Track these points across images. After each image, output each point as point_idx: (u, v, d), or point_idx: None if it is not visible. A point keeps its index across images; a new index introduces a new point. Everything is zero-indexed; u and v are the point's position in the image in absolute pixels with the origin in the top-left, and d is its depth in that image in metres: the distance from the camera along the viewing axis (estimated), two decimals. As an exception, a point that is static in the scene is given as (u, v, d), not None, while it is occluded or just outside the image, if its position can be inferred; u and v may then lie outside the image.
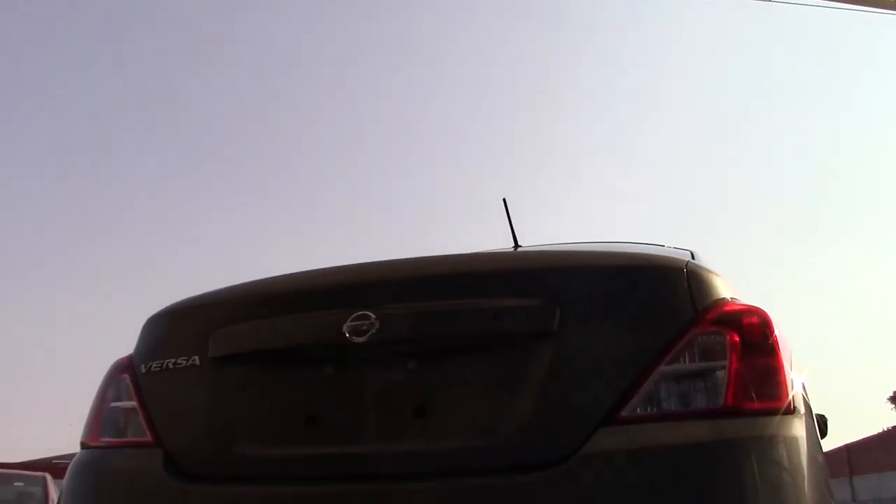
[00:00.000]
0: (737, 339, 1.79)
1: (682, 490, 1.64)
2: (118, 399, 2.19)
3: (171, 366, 2.12)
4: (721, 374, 1.76)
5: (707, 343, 1.78)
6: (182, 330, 2.19)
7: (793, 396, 1.80)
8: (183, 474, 1.96)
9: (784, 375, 1.81)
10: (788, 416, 1.76)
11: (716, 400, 1.74)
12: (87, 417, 2.26)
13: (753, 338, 1.81)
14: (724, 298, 1.87)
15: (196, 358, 2.09)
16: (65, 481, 2.18)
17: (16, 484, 10.78)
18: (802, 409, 1.86)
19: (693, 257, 2.09)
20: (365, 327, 1.88)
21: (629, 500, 1.62)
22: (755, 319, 1.84)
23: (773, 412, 1.75)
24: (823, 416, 2.91)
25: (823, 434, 2.72)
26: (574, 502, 1.65)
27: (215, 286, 2.27)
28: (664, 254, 2.07)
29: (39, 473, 11.68)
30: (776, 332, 1.85)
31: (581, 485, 1.65)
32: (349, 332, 1.89)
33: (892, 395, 47.75)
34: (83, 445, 2.22)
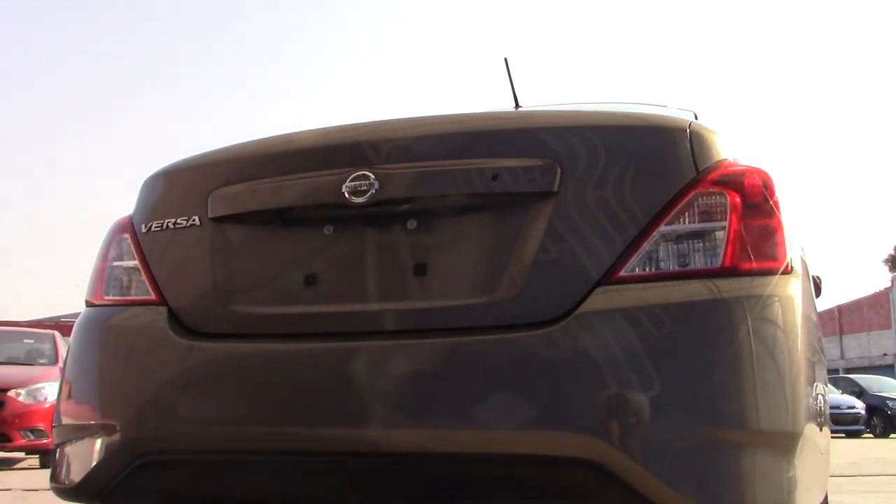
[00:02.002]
0: (737, 199, 1.78)
1: (678, 348, 1.68)
2: (120, 258, 2.21)
3: (171, 225, 2.13)
4: (720, 234, 1.76)
5: (707, 203, 1.78)
6: (181, 190, 2.19)
7: (791, 257, 1.81)
8: (187, 331, 2.01)
9: (783, 236, 1.82)
10: (786, 277, 1.78)
11: (714, 260, 1.75)
12: (90, 276, 2.28)
13: (754, 198, 1.81)
14: (726, 159, 1.85)
15: (196, 218, 2.10)
16: (71, 337, 2.23)
17: (26, 341, 11.04)
18: (800, 270, 1.87)
19: (696, 118, 2.06)
20: (364, 187, 1.88)
21: (626, 358, 1.65)
22: (756, 180, 1.83)
23: (770, 272, 1.76)
24: (817, 276, 2.95)
25: (817, 294, 2.76)
26: (571, 359, 1.69)
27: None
28: (667, 114, 2.04)
29: (48, 331, 11.95)
30: (777, 193, 1.85)
31: (578, 342, 1.68)
32: (348, 193, 1.89)
33: (887, 256, 48.27)
34: (88, 304, 2.26)
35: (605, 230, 1.78)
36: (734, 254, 1.75)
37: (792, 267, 1.81)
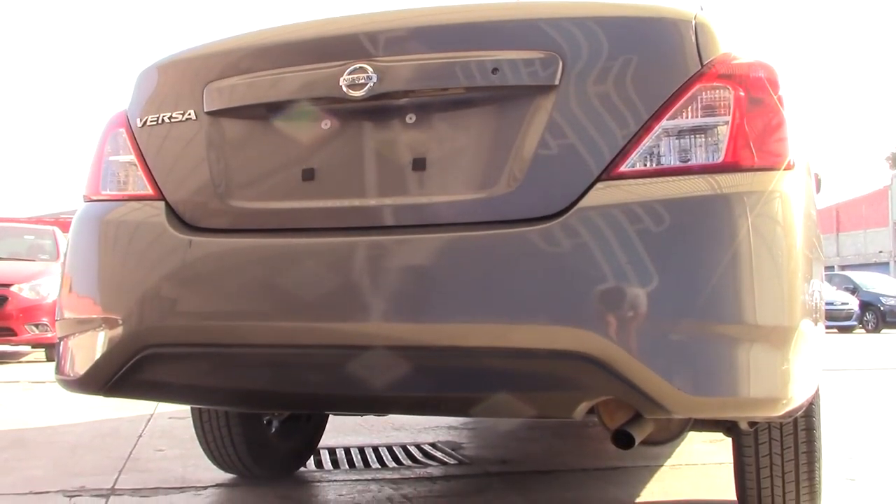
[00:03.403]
0: (742, 93, 1.76)
1: (677, 243, 1.68)
2: (116, 153, 2.20)
3: (166, 120, 2.11)
4: (723, 129, 1.74)
5: (711, 97, 1.75)
6: (176, 83, 2.15)
7: (793, 154, 1.79)
8: (186, 226, 2.01)
9: (787, 132, 1.79)
10: (788, 173, 1.77)
11: (716, 155, 1.73)
12: (88, 172, 2.27)
13: (759, 93, 1.78)
14: (731, 52, 1.82)
15: (192, 112, 2.07)
16: (70, 233, 2.23)
17: (26, 237, 11.09)
18: (802, 167, 1.86)
19: (702, 9, 2.01)
20: (362, 80, 1.85)
21: (625, 253, 1.66)
22: (762, 74, 1.80)
23: (772, 169, 1.74)
24: (818, 173, 2.93)
25: (817, 191, 2.75)
26: (570, 254, 1.69)
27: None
28: (672, 5, 1.98)
29: (49, 227, 11.98)
30: (782, 88, 1.82)
31: (578, 237, 1.68)
32: (346, 86, 1.86)
33: (890, 154, 47.98)
34: (86, 199, 2.25)
35: (606, 125, 1.76)
36: (737, 149, 1.73)
37: (794, 164, 1.79)
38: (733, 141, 1.73)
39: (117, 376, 2.00)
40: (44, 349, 9.65)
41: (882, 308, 21.96)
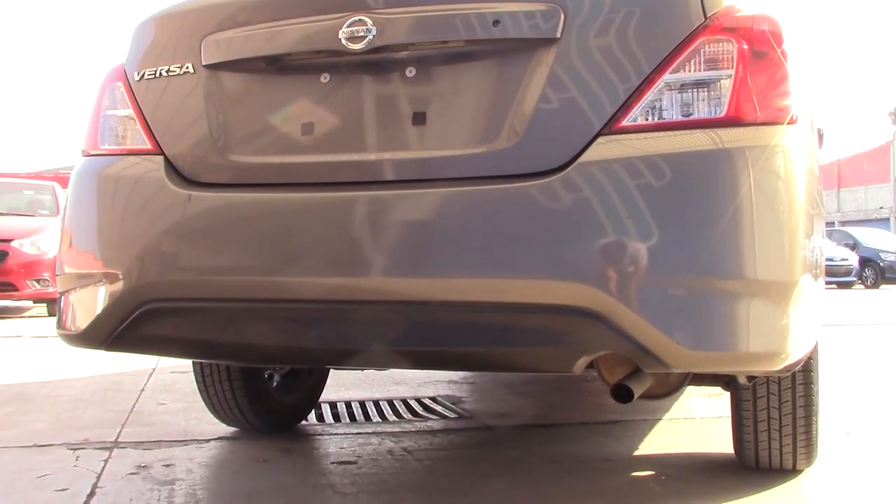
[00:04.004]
0: (745, 47, 1.73)
1: (678, 198, 1.67)
2: (114, 107, 2.18)
3: (164, 73, 2.09)
4: (726, 83, 1.72)
5: (714, 51, 1.73)
6: (173, 36, 2.13)
7: (796, 108, 1.78)
8: (185, 181, 2.00)
9: (790, 87, 1.78)
10: (790, 128, 1.75)
11: (719, 109, 1.72)
12: (86, 126, 2.26)
13: (763, 46, 1.76)
14: (734, 5, 1.79)
15: (189, 65, 2.06)
16: (69, 187, 2.22)
17: (26, 192, 11.07)
18: (804, 122, 1.84)
19: None
20: (361, 33, 1.83)
21: (626, 208, 1.65)
22: (766, 28, 1.77)
23: (775, 123, 1.73)
24: (820, 128, 2.91)
25: (819, 146, 2.73)
26: (571, 209, 1.69)
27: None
28: None
29: (48, 182, 11.95)
30: (786, 41, 1.79)
31: (579, 192, 1.68)
32: (345, 39, 1.85)
33: (893, 109, 47.64)
34: (84, 154, 2.24)
35: (608, 78, 1.75)
36: (739, 103, 1.71)
37: (797, 118, 1.78)
38: (736, 95, 1.72)
39: (118, 331, 2.01)
40: (45, 304, 9.69)
41: (881, 264, 22.00)
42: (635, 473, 2.58)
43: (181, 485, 2.39)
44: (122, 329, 2.00)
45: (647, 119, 1.73)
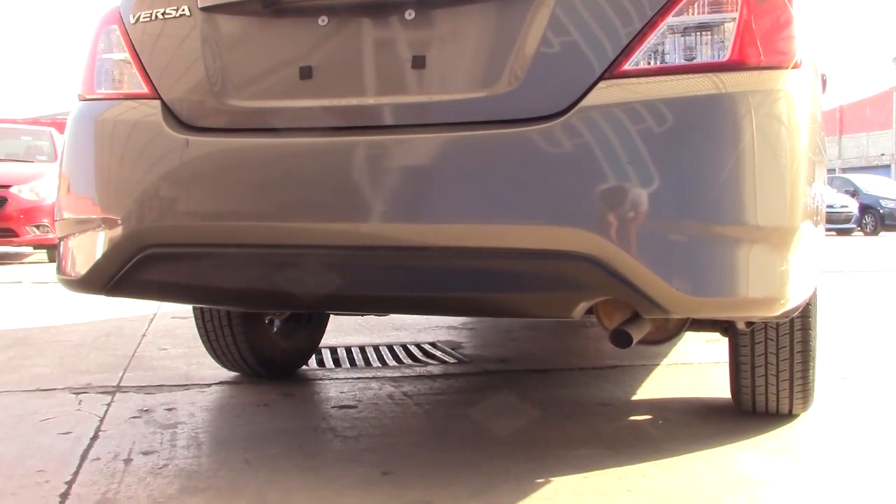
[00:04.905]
0: None
1: (680, 143, 1.66)
2: (109, 50, 2.15)
3: (159, 16, 2.06)
4: (730, 26, 1.70)
5: None
6: None
7: (800, 53, 1.75)
8: (183, 125, 1.98)
9: (794, 31, 1.75)
10: (794, 72, 1.73)
11: (722, 53, 1.70)
12: (82, 70, 2.23)
13: None
14: None
15: (185, 8, 2.02)
16: (65, 132, 2.20)
17: (23, 138, 11.01)
18: (808, 66, 1.82)
19: None
20: None
21: (628, 153, 1.64)
22: None
23: (779, 67, 1.71)
24: (823, 74, 2.88)
25: (822, 92, 2.70)
26: (572, 154, 1.68)
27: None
28: None
29: (45, 127, 11.89)
30: None
31: (580, 137, 1.66)
32: None
33: (897, 55, 47.03)
34: (80, 98, 2.22)
35: (609, 22, 1.72)
36: (743, 47, 1.69)
37: (801, 62, 1.76)
38: (740, 38, 1.69)
39: (118, 276, 2.01)
40: (45, 250, 9.70)
41: (881, 211, 21.99)
42: (633, 418, 2.60)
43: (183, 428, 2.42)
44: (122, 274, 2.00)
45: (649, 63, 1.71)
